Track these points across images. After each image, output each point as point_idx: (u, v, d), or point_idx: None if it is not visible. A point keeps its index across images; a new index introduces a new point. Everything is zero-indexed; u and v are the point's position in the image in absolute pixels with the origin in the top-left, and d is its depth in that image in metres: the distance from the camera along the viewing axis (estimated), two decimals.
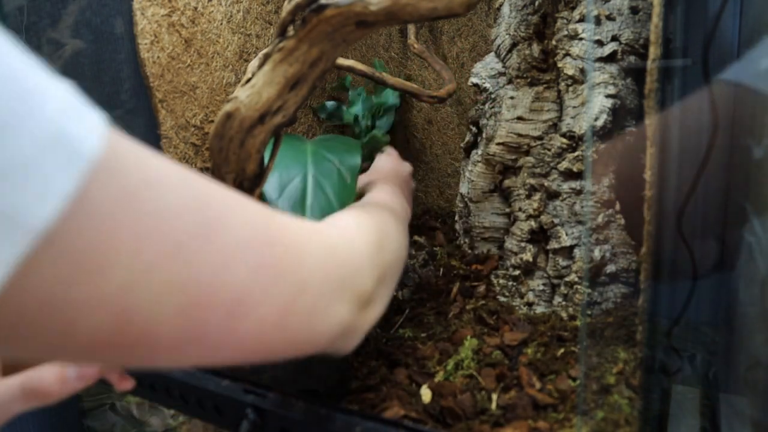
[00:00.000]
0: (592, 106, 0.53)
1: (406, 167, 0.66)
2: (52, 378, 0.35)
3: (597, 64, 0.53)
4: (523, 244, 0.60)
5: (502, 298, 0.61)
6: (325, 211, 0.55)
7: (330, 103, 0.88)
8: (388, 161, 0.65)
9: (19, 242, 0.19)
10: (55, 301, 0.20)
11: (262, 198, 0.53)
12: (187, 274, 0.24)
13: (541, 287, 0.58)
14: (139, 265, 0.22)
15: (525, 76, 0.60)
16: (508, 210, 0.63)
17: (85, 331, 0.22)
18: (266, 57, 0.41)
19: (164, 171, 0.24)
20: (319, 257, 0.32)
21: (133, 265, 0.22)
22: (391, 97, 0.85)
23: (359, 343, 0.38)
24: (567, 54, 0.56)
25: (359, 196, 0.56)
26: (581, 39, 0.55)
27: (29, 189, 0.19)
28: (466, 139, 0.69)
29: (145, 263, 0.22)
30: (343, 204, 0.56)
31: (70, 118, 0.20)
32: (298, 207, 0.54)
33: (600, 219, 0.53)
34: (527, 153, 0.60)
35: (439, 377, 0.48)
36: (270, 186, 0.54)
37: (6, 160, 0.18)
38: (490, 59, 0.65)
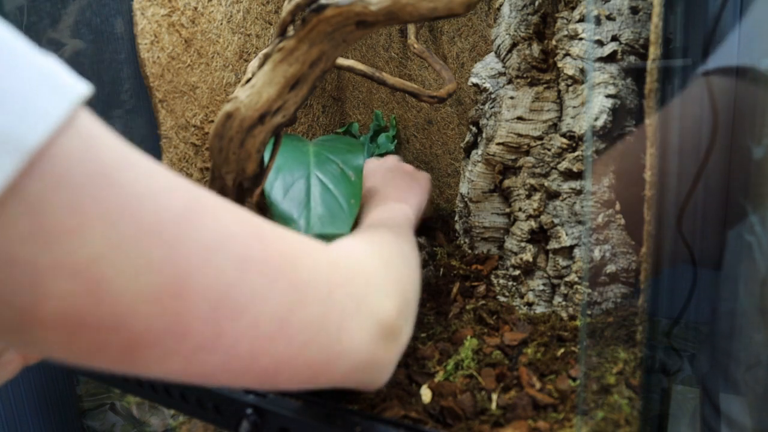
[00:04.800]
0: (592, 106, 0.53)
1: (390, 160, 0.65)
2: None
3: (597, 64, 0.53)
4: (523, 244, 0.60)
5: (502, 298, 0.61)
6: (330, 207, 0.54)
7: None
8: (372, 163, 0.65)
9: (6, 162, 0.19)
10: (23, 258, 0.20)
11: (263, 198, 0.53)
12: (166, 257, 0.23)
13: (541, 287, 0.58)
14: (114, 237, 0.22)
15: (525, 76, 0.60)
16: (508, 210, 0.63)
17: (54, 297, 0.21)
18: (266, 57, 0.41)
19: (147, 162, 0.24)
20: (320, 268, 0.30)
21: (108, 235, 0.21)
22: (387, 145, 0.87)
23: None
24: (567, 54, 0.56)
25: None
26: (581, 39, 0.55)
27: (11, 113, 0.19)
28: (466, 139, 0.69)
29: (120, 237, 0.22)
30: (348, 200, 0.55)
31: (56, 67, 0.21)
32: (303, 208, 0.54)
33: (600, 219, 0.53)
34: (527, 153, 0.60)
35: (439, 377, 0.48)
36: (274, 189, 0.54)
37: None
38: (490, 59, 0.65)
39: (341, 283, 0.31)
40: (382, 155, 0.89)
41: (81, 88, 0.22)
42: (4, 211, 0.19)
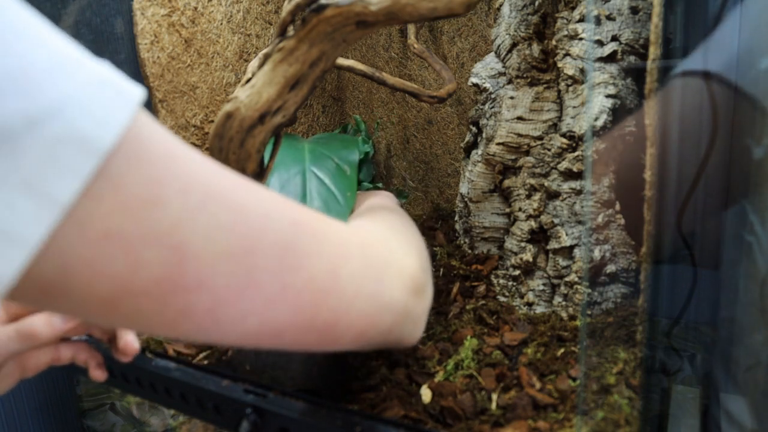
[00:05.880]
0: (592, 106, 0.53)
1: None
2: (41, 322, 0.40)
3: (597, 64, 0.53)
4: (523, 244, 0.60)
5: (502, 298, 0.61)
6: (326, 200, 0.55)
7: None
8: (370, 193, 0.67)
9: (85, 162, 0.21)
10: (115, 231, 0.23)
11: None
12: (235, 218, 0.26)
13: (541, 287, 0.58)
14: (188, 204, 0.25)
15: (525, 76, 0.60)
16: (508, 210, 0.63)
17: (147, 265, 0.24)
18: (266, 57, 0.41)
19: (194, 149, 0.27)
20: (347, 232, 0.33)
21: (183, 203, 0.24)
22: (363, 148, 0.86)
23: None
24: (567, 54, 0.56)
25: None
26: (581, 39, 0.55)
27: (89, 117, 0.22)
28: (466, 139, 0.69)
29: (193, 203, 0.25)
30: (344, 193, 0.56)
31: (113, 73, 0.24)
32: (299, 200, 0.55)
33: (600, 219, 0.53)
34: (527, 153, 0.60)
35: (439, 377, 0.48)
36: (270, 185, 0.55)
37: (68, 94, 0.21)
38: (490, 59, 0.65)
39: (367, 246, 0.34)
40: (362, 159, 0.88)
41: (138, 92, 0.24)
42: (91, 193, 0.22)
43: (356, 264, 0.32)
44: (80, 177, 0.21)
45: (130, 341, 0.43)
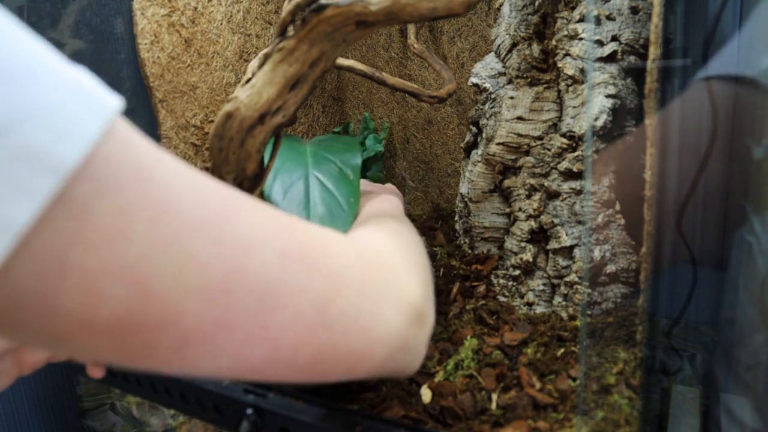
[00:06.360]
0: (592, 106, 0.53)
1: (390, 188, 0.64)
2: None
3: (597, 64, 0.53)
4: (523, 244, 0.60)
5: (502, 298, 0.61)
6: (330, 207, 0.54)
7: None
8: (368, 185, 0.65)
9: (42, 183, 0.19)
10: (73, 265, 0.20)
11: (263, 199, 0.53)
12: (211, 254, 0.23)
13: (541, 287, 0.58)
14: (158, 237, 0.22)
15: (525, 76, 0.60)
16: (508, 210, 0.63)
17: (107, 302, 0.21)
18: (266, 57, 0.41)
19: (179, 164, 0.24)
20: (349, 257, 0.31)
21: (152, 236, 0.22)
22: (374, 146, 0.87)
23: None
24: (567, 54, 0.56)
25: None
26: (581, 39, 0.55)
27: (50, 132, 0.19)
28: (466, 139, 0.69)
29: (164, 236, 0.22)
30: (348, 199, 0.55)
31: (88, 81, 0.21)
32: (303, 207, 0.54)
33: (600, 219, 0.53)
34: (527, 153, 0.60)
35: (439, 377, 0.48)
36: (274, 190, 0.54)
37: (26, 104, 0.19)
38: (490, 59, 0.65)
39: (369, 271, 0.32)
40: (372, 157, 0.88)
41: (114, 102, 0.22)
42: (50, 220, 0.19)
43: (350, 298, 0.29)
44: (36, 200, 0.19)
45: None
